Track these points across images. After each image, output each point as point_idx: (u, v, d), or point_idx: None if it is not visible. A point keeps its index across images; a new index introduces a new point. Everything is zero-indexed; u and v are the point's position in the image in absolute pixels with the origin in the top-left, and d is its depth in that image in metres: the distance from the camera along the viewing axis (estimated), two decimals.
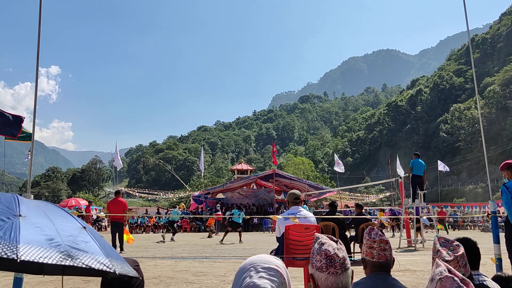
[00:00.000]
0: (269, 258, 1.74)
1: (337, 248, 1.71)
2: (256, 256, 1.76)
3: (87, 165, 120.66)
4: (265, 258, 1.73)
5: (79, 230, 1.43)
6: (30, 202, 1.47)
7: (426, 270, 7.68)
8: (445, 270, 1.54)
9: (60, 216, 1.47)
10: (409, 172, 13.55)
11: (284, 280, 1.67)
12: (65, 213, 1.54)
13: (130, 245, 13.16)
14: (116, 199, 12.50)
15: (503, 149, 75.76)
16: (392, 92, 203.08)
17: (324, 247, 1.71)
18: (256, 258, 1.73)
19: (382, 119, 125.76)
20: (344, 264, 1.68)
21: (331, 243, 1.74)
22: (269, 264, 1.68)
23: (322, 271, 1.67)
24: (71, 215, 1.55)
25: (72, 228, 1.42)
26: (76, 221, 1.50)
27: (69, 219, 1.50)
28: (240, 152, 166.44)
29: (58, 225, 1.37)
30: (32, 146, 4.52)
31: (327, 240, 1.76)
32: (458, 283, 1.47)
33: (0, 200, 1.38)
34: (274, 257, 1.75)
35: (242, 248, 13.78)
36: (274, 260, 1.73)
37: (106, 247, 1.46)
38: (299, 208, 5.10)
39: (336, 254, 1.68)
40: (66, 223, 1.44)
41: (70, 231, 1.38)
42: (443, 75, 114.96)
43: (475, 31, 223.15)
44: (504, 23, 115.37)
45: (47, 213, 1.43)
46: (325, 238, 1.78)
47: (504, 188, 5.23)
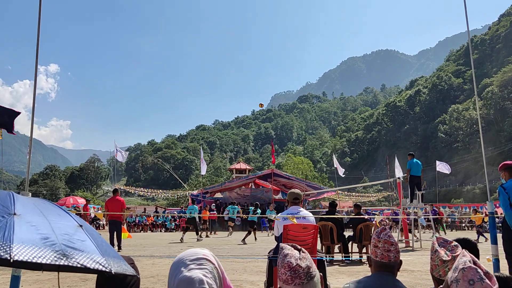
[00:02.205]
0: (195, 250, 1.79)
1: (300, 258, 1.68)
2: (182, 252, 1.81)
3: (86, 163, 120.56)
4: (191, 251, 1.79)
5: (76, 228, 1.41)
6: (26, 200, 1.45)
7: (424, 271, 7.69)
8: (470, 261, 1.54)
9: (57, 214, 1.45)
10: (407, 173, 13.57)
11: (214, 266, 1.74)
12: (61, 211, 1.51)
13: (129, 242, 13.15)
14: (114, 198, 12.48)
15: (501, 150, 75.94)
16: (390, 92, 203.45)
17: (286, 260, 1.69)
18: (183, 254, 1.78)
19: (380, 119, 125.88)
20: (309, 273, 1.65)
21: (293, 253, 1.71)
22: (196, 255, 1.74)
23: (288, 283, 1.65)
24: (68, 213, 1.52)
25: (68, 226, 1.39)
26: (73, 219, 1.48)
27: (65, 217, 1.47)
28: (238, 151, 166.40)
29: (54, 223, 1.35)
30: (30, 144, 4.51)
31: (289, 250, 1.73)
32: (481, 275, 1.48)
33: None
34: (200, 248, 1.82)
35: (240, 248, 13.79)
36: (201, 251, 1.79)
37: (103, 245, 1.44)
38: (298, 208, 5.11)
39: (298, 265, 1.65)
40: (62, 221, 1.41)
41: (66, 230, 1.35)
42: (441, 76, 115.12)
43: (474, 32, 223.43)
44: (503, 24, 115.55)
45: (43, 211, 1.40)
46: (288, 248, 1.76)
47: (502, 189, 5.24)
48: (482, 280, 1.47)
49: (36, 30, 4.06)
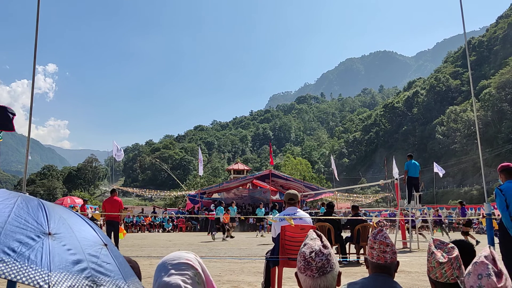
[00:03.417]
0: (179, 253, 1.75)
1: (316, 252, 1.64)
2: (167, 255, 1.77)
3: (83, 163, 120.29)
4: (175, 254, 1.75)
5: (101, 247, 1.35)
6: (54, 211, 1.36)
7: (421, 272, 7.71)
8: (487, 256, 1.55)
9: (83, 231, 1.38)
10: (405, 174, 13.59)
11: (197, 271, 1.69)
12: (86, 225, 1.44)
13: (126, 242, 13.14)
14: (112, 198, 12.46)
15: (498, 151, 76.17)
16: (388, 93, 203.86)
17: (303, 249, 1.67)
18: (166, 257, 1.75)
19: (378, 121, 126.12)
20: (322, 268, 1.61)
21: (312, 244, 1.68)
22: (178, 260, 1.70)
23: (301, 272, 1.65)
24: (92, 227, 1.45)
25: (95, 244, 1.34)
26: (98, 236, 1.41)
27: (91, 233, 1.41)
28: (236, 152, 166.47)
29: (83, 242, 1.29)
30: (28, 144, 4.50)
31: (311, 240, 1.70)
32: (490, 272, 1.49)
33: (28, 211, 1.25)
34: (186, 251, 1.77)
35: (238, 248, 13.79)
36: (185, 255, 1.74)
37: (124, 267, 1.40)
38: (295, 209, 5.11)
39: (311, 258, 1.62)
40: (90, 239, 1.35)
41: (94, 250, 1.30)
42: (439, 77, 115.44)
43: (471, 33, 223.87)
44: (500, 26, 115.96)
45: (72, 227, 1.33)
46: (311, 238, 1.72)
47: (498, 191, 5.26)
48: (489, 276, 1.48)
49: (35, 30, 4.06)
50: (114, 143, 25.89)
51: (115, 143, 25.83)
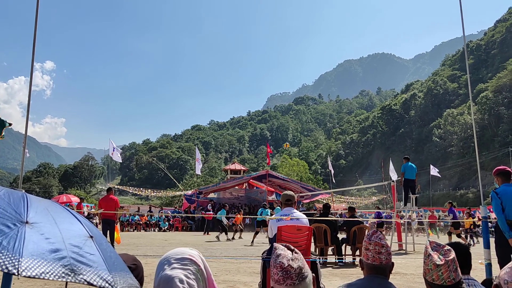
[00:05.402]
0: (183, 249, 1.79)
1: (292, 259, 1.68)
2: (171, 250, 1.80)
3: (80, 161, 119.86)
4: (178, 250, 1.79)
5: (86, 239, 1.35)
6: (38, 204, 1.38)
7: (417, 274, 7.73)
8: None
9: (68, 222, 1.38)
10: (402, 176, 13.62)
11: (199, 267, 1.74)
12: (73, 218, 1.45)
13: (122, 241, 13.10)
14: (108, 197, 12.43)
15: (495, 155, 76.36)
16: (386, 95, 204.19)
17: (278, 260, 1.68)
18: (170, 252, 1.78)
19: (376, 123, 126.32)
20: (300, 274, 1.64)
21: (286, 253, 1.71)
22: (182, 255, 1.74)
23: (280, 283, 1.65)
24: (80, 221, 1.45)
25: (79, 236, 1.34)
26: (84, 228, 1.41)
27: (76, 225, 1.41)
28: (233, 152, 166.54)
29: (65, 232, 1.30)
30: (24, 141, 4.49)
31: (282, 251, 1.73)
32: None
33: (9, 201, 1.27)
34: (189, 248, 1.81)
35: (234, 248, 13.79)
36: (188, 251, 1.78)
37: (112, 259, 1.39)
38: (292, 210, 5.12)
39: (290, 265, 1.64)
40: (74, 230, 1.36)
41: (77, 241, 1.30)
42: (437, 80, 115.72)
43: (469, 37, 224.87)
44: (498, 30, 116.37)
45: (55, 218, 1.34)
46: (281, 248, 1.75)
47: (494, 194, 5.29)
48: None
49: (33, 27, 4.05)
50: (110, 142, 25.79)
51: (111, 142, 25.74)
